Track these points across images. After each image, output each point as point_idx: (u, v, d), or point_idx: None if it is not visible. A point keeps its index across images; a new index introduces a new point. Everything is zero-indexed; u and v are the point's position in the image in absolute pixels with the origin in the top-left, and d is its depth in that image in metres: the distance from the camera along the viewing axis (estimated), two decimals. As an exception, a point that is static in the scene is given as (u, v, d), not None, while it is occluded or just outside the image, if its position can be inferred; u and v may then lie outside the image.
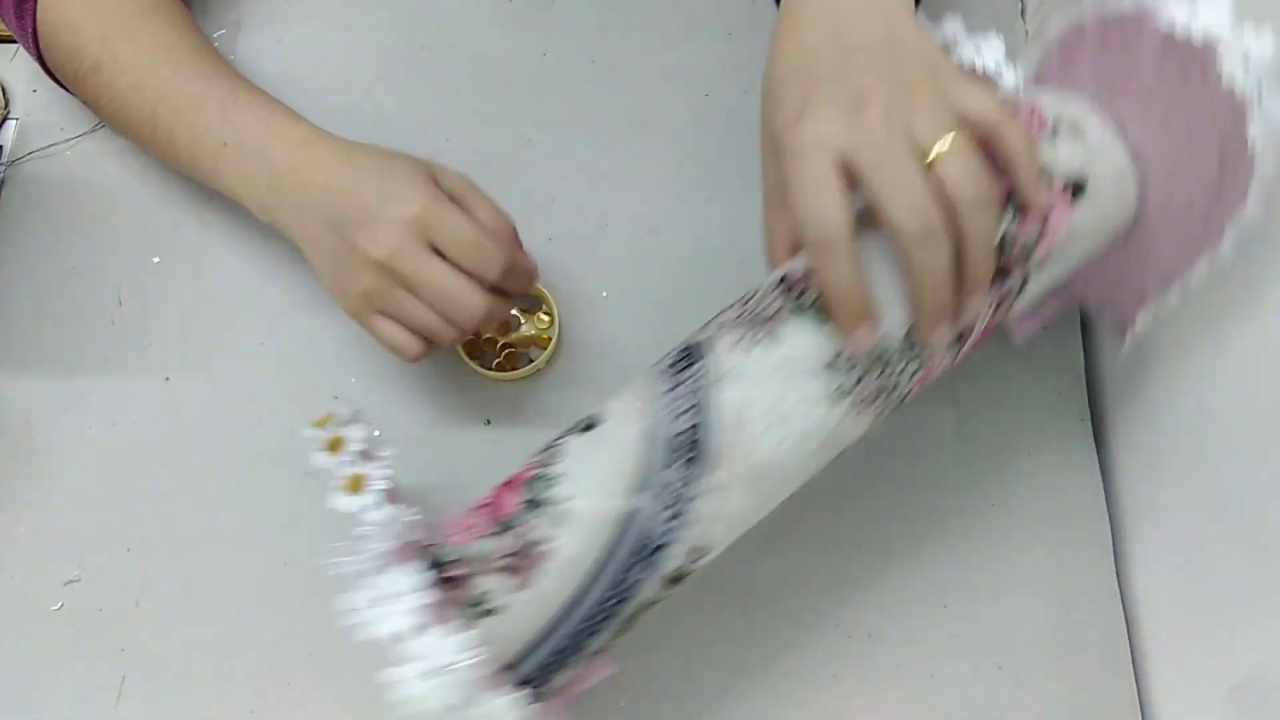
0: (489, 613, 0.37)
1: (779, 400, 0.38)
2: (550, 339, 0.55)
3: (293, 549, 0.51)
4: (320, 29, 0.63)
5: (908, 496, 0.53)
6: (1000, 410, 0.55)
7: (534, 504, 0.38)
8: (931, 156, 0.35)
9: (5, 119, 0.60)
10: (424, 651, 0.34)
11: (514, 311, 0.55)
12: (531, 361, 0.54)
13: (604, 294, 0.56)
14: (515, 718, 0.35)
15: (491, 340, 0.55)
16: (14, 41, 0.61)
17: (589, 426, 0.40)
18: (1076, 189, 0.41)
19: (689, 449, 0.38)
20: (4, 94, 0.61)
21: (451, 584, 0.37)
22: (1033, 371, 0.56)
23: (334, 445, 0.41)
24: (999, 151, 0.37)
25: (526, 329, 0.55)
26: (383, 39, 0.63)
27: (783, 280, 0.41)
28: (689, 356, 0.40)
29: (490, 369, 0.54)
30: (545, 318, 0.55)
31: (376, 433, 0.43)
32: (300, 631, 0.50)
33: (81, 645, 0.50)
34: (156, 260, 0.57)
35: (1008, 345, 0.57)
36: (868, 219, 0.39)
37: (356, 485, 0.39)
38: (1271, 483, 0.41)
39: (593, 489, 0.38)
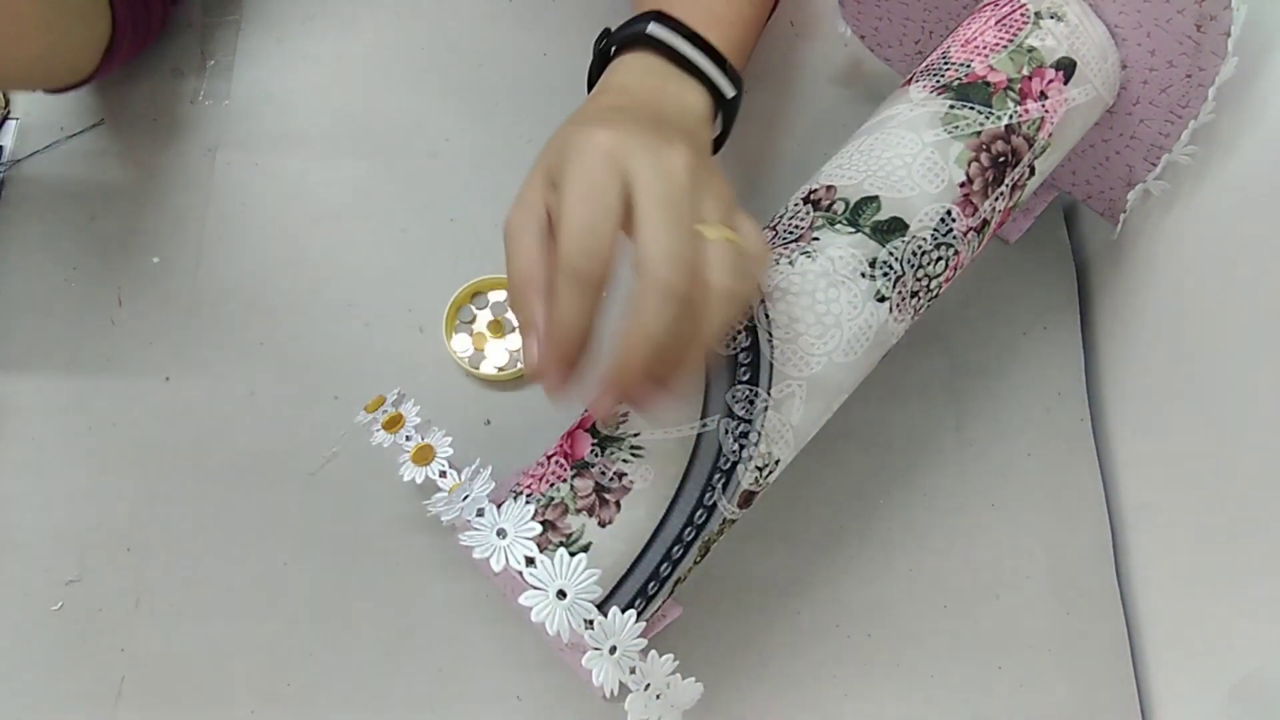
0: (583, 549, 0.38)
1: (827, 308, 0.41)
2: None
3: (293, 549, 0.51)
4: (320, 29, 0.63)
5: (908, 496, 0.53)
6: (1000, 410, 0.55)
7: (605, 443, 0.39)
8: (708, 233, 0.34)
9: (5, 119, 0.60)
10: (542, 579, 0.36)
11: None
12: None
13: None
14: (636, 630, 0.36)
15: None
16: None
17: None
18: (1067, 70, 0.44)
19: (748, 368, 0.40)
20: (4, 94, 0.61)
21: (542, 527, 0.38)
22: (1033, 371, 0.56)
23: (392, 423, 0.43)
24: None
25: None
26: (383, 39, 0.63)
27: (807, 198, 0.43)
28: None
29: (479, 368, 0.54)
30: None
31: (417, 406, 0.44)
32: (300, 631, 0.50)
33: (81, 645, 0.50)
34: (156, 260, 0.57)
35: (1007, 344, 0.57)
36: None
37: (425, 456, 0.41)
38: (1272, 483, 0.41)
39: (660, 421, 0.39)
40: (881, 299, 0.41)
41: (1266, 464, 0.41)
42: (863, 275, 0.41)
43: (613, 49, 0.44)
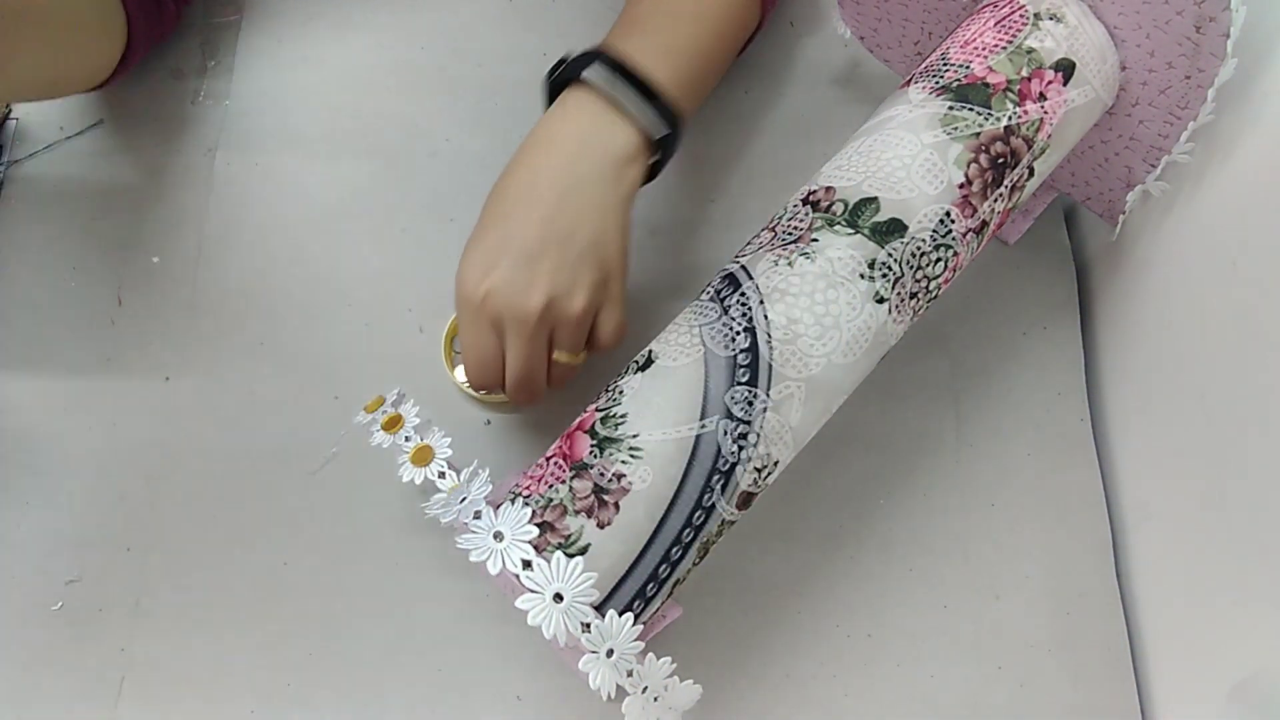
0: (581, 551, 0.38)
1: (826, 310, 0.40)
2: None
3: (293, 549, 0.52)
4: (320, 29, 0.63)
5: (908, 496, 0.53)
6: (1000, 410, 0.55)
7: (604, 445, 0.39)
8: (559, 358, 0.46)
9: (5, 119, 0.60)
10: (539, 582, 0.36)
11: None
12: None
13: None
14: (633, 633, 0.36)
15: None
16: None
17: (646, 364, 0.41)
18: (1066, 71, 0.44)
19: (747, 369, 0.40)
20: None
21: (541, 528, 0.38)
22: (1033, 371, 0.56)
23: (392, 423, 0.43)
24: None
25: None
26: (383, 39, 0.63)
27: (806, 199, 0.43)
28: (732, 283, 0.42)
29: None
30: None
31: (416, 407, 0.44)
32: (300, 631, 0.50)
33: (81, 645, 0.50)
34: (156, 260, 0.57)
35: (1007, 344, 0.57)
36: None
37: (424, 457, 0.41)
38: (1272, 483, 0.41)
39: (659, 422, 0.39)
40: (880, 300, 0.41)
41: (1266, 464, 0.41)
42: (862, 276, 0.41)
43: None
